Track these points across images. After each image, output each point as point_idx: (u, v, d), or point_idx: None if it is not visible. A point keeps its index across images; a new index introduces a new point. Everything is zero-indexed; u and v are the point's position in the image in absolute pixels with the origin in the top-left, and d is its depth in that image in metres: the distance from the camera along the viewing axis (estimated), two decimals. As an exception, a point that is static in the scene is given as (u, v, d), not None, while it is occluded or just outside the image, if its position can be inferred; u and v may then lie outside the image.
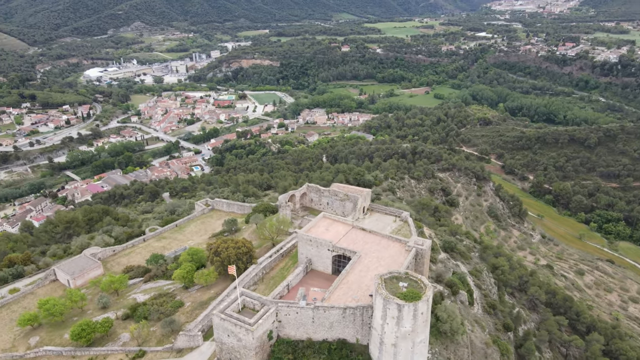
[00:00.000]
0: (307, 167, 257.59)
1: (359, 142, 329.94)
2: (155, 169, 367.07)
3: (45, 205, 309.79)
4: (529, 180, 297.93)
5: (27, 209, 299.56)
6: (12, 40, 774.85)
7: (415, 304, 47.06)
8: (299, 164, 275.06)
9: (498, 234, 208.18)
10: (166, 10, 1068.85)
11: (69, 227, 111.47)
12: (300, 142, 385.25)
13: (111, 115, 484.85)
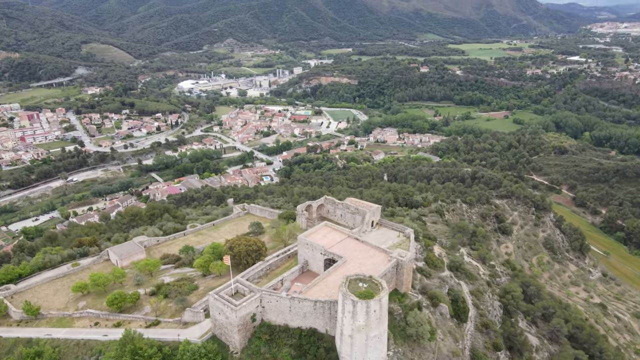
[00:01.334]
0: (364, 184, 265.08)
1: (421, 163, 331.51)
2: (229, 176, 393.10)
3: (130, 202, 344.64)
4: (600, 215, 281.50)
5: (115, 204, 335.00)
6: (122, 53, 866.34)
7: (368, 302, 54.46)
8: (359, 181, 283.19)
9: (551, 266, 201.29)
10: (257, 28, 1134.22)
11: (134, 219, 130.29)
12: (366, 159, 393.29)
13: (196, 124, 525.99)
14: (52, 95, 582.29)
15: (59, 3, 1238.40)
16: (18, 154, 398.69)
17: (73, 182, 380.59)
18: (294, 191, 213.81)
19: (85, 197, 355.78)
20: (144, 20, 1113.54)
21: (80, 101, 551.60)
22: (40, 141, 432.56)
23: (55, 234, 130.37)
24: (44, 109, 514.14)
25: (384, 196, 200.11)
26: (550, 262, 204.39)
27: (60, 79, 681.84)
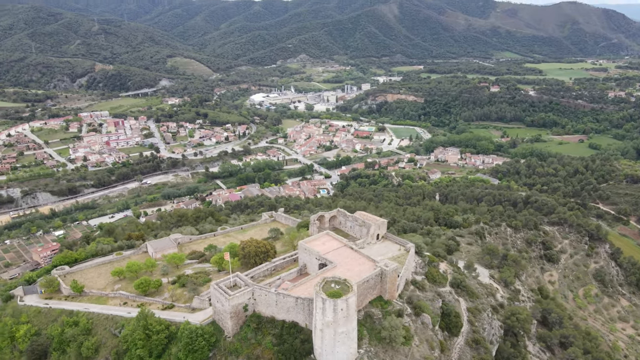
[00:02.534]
0: (413, 202, 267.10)
1: (474, 184, 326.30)
2: (288, 187, 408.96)
3: (194, 206, 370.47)
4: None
5: (180, 207, 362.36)
6: (202, 66, 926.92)
7: (335, 301, 61.45)
8: (408, 199, 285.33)
9: (599, 299, 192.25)
10: (329, 44, 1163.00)
11: (180, 220, 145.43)
12: (422, 178, 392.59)
13: (262, 136, 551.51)
14: (137, 105, 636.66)
15: (152, 20, 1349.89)
16: (102, 156, 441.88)
17: (147, 184, 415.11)
18: (338, 204, 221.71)
19: (155, 199, 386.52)
20: (225, 36, 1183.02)
21: (160, 110, 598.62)
22: (122, 146, 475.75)
23: (113, 227, 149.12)
24: (128, 117, 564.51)
25: (424, 214, 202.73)
26: (599, 295, 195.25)
27: (145, 90, 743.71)
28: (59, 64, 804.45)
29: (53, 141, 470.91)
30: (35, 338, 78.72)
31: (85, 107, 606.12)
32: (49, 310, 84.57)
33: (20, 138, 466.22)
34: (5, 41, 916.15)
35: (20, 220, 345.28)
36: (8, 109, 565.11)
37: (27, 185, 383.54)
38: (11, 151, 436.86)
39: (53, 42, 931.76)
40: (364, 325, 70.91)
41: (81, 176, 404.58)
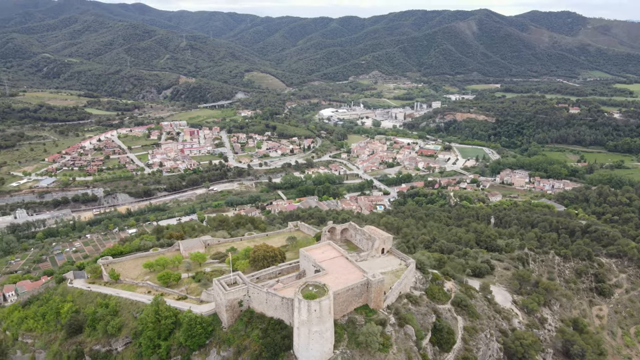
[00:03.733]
0: (464, 223, 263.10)
1: (534, 209, 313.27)
2: (345, 202, 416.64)
3: (254, 213, 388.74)
4: None
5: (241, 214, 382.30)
6: (276, 81, 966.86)
7: (309, 302, 67.85)
8: (460, 219, 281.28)
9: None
10: (403, 61, 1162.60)
11: (221, 224, 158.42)
12: (480, 200, 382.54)
13: (326, 150, 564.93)
14: (213, 115, 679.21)
15: (235, 36, 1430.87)
16: (176, 163, 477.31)
17: (213, 191, 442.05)
18: (381, 221, 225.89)
19: (219, 205, 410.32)
20: (301, 52, 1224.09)
21: (233, 122, 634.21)
22: (195, 154, 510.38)
23: (162, 227, 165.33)
24: (203, 127, 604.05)
25: (465, 236, 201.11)
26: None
27: (222, 102, 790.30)
28: (149, 76, 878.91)
29: (135, 147, 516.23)
30: (74, 315, 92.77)
31: (166, 117, 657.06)
32: (89, 293, 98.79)
33: (108, 143, 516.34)
34: (105, 55, 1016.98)
35: (101, 217, 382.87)
36: (101, 117, 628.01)
37: (109, 186, 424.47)
38: (99, 155, 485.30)
39: (145, 57, 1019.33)
40: (345, 329, 76.75)
41: (156, 180, 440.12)
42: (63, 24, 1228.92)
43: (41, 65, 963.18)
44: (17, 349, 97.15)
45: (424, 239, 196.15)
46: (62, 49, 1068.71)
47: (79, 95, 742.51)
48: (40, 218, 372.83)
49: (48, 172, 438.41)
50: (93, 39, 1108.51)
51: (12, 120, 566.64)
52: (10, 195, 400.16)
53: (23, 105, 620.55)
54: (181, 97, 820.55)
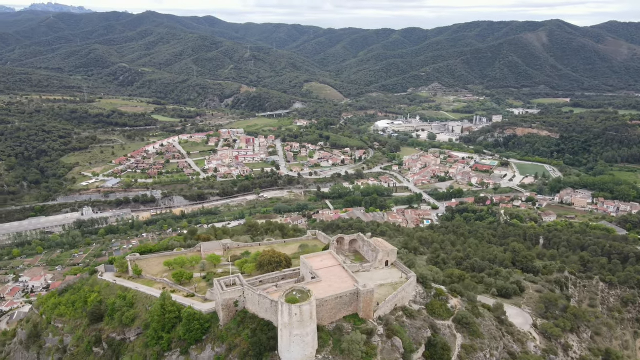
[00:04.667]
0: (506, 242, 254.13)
1: (588, 232, 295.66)
2: (391, 214, 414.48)
3: (300, 222, 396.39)
4: None
5: (287, 222, 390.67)
6: (334, 92, 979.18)
7: (290, 306, 71.14)
8: (505, 238, 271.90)
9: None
10: (465, 73, 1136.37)
11: (250, 230, 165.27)
12: (533, 219, 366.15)
13: (377, 162, 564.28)
14: (270, 124, 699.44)
15: (297, 47, 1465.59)
16: (230, 169, 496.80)
17: (263, 198, 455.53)
18: (415, 235, 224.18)
19: (268, 212, 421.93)
20: (361, 64, 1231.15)
21: (288, 131, 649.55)
22: (249, 161, 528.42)
23: (196, 229, 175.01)
24: (259, 135, 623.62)
25: (501, 255, 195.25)
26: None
27: (280, 111, 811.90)
28: (213, 85, 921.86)
29: (194, 152, 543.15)
30: (97, 304, 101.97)
31: (226, 125, 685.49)
32: (114, 285, 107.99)
33: (170, 148, 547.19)
34: (175, 65, 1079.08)
35: (157, 218, 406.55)
36: (166, 123, 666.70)
37: (167, 189, 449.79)
38: (161, 159, 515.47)
39: (211, 67, 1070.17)
40: (331, 335, 79.38)
41: (210, 185, 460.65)
42: (140, 36, 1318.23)
43: (118, 74, 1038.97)
44: (49, 332, 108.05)
45: (456, 256, 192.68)
46: (138, 59, 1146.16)
47: (148, 102, 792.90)
48: (103, 216, 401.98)
49: (114, 173, 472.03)
50: (165, 50, 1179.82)
51: (87, 125, 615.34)
52: (80, 194, 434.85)
53: (98, 111, 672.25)
54: (241, 105, 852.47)
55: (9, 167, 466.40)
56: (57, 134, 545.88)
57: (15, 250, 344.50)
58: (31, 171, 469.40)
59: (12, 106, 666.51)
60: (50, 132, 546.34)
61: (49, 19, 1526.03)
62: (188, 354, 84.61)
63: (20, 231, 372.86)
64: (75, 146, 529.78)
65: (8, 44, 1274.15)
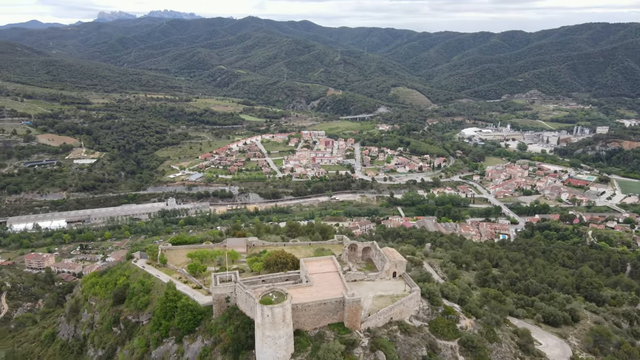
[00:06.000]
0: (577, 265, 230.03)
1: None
2: (464, 226, 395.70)
3: (367, 227, 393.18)
4: None
5: (355, 226, 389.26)
6: (421, 97, 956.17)
7: (262, 307, 71.15)
8: (582, 261, 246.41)
9: None
10: (569, 80, 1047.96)
11: (290, 230, 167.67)
12: (625, 243, 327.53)
13: (457, 171, 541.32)
14: (351, 128, 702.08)
15: (389, 51, 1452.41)
16: (306, 170, 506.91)
17: (335, 200, 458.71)
18: (470, 249, 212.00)
19: (338, 214, 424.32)
20: (454, 68, 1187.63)
21: (368, 134, 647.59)
22: (325, 163, 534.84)
23: (239, 225, 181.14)
24: (339, 138, 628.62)
25: (562, 279, 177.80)
26: None
27: (364, 115, 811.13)
28: (300, 88, 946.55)
29: (274, 152, 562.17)
30: (122, 287, 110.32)
31: (308, 126, 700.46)
32: (141, 271, 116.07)
33: (252, 147, 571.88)
34: (268, 68, 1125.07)
35: (232, 212, 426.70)
36: (252, 123, 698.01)
37: (244, 185, 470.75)
38: (242, 157, 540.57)
39: (302, 70, 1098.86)
40: (311, 341, 78.36)
41: (284, 184, 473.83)
42: (239, 40, 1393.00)
43: (216, 76, 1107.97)
44: (85, 308, 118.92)
45: (512, 275, 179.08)
46: (235, 61, 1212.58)
47: (238, 102, 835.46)
48: (184, 207, 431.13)
49: (198, 168, 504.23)
50: (260, 53, 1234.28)
51: (182, 122, 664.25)
52: (167, 185, 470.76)
53: (193, 109, 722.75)
54: (327, 108, 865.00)
55: (111, 158, 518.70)
56: (155, 130, 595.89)
57: (107, 232, 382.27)
58: (129, 162, 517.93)
59: (121, 103, 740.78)
60: (149, 128, 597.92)
61: (162, 24, 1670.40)
62: (182, 343, 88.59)
63: (114, 216, 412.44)
64: (169, 141, 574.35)
65: (126, 47, 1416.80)
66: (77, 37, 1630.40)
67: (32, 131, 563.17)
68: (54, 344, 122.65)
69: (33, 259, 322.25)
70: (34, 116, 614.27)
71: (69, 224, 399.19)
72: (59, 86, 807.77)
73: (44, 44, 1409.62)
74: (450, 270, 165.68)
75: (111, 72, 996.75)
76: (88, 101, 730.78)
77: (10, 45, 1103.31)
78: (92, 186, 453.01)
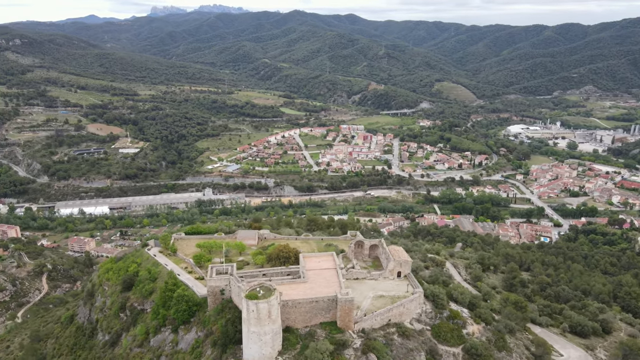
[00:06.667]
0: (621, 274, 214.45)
1: None
2: (503, 227, 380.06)
3: (402, 223, 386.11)
4: None
5: (388, 222, 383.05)
6: (466, 92, 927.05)
7: (247, 301, 69.22)
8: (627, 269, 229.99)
9: None
10: (630, 75, 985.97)
11: (309, 224, 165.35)
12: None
13: (499, 169, 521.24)
14: (391, 123, 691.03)
15: (435, 45, 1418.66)
16: (342, 164, 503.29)
17: (370, 195, 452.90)
18: (500, 251, 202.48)
19: (372, 210, 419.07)
20: (503, 63, 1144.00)
21: (409, 130, 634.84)
22: (362, 158, 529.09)
23: (260, 218, 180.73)
24: (378, 133, 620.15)
25: (597, 287, 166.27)
26: None
27: (405, 110, 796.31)
28: (342, 82, 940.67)
29: (311, 145, 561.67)
30: (131, 274, 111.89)
31: (348, 120, 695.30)
32: (151, 259, 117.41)
33: (290, 140, 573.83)
34: (311, 61, 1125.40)
35: (266, 204, 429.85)
36: (291, 116, 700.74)
37: (280, 178, 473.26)
38: (280, 149, 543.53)
39: (345, 64, 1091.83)
40: (300, 339, 75.93)
41: (320, 178, 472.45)
42: (284, 34, 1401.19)
43: (260, 69, 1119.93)
44: (99, 293, 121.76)
45: (542, 280, 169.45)
46: (279, 55, 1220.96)
47: (279, 96, 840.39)
48: (220, 198, 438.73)
49: (236, 160, 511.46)
50: (304, 47, 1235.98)
51: (223, 114, 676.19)
52: (205, 176, 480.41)
53: (234, 102, 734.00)
54: (367, 102, 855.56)
55: (154, 148, 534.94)
56: (196, 121, 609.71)
57: (145, 220, 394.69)
58: (170, 152, 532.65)
59: (167, 95, 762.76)
60: (191, 119, 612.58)
61: (210, 18, 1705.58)
62: (177, 333, 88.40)
63: (153, 204, 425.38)
64: (209, 133, 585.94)
65: (175, 41, 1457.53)
66: (131, 31, 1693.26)
67: (82, 121, 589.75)
68: (72, 326, 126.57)
69: (75, 243, 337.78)
70: (85, 106, 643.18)
71: (111, 211, 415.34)
72: (110, 78, 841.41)
73: (100, 38, 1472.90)
74: (475, 272, 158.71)
75: (159, 64, 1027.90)
76: (136, 93, 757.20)
77: (68, 38, 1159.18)
78: (134, 175, 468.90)
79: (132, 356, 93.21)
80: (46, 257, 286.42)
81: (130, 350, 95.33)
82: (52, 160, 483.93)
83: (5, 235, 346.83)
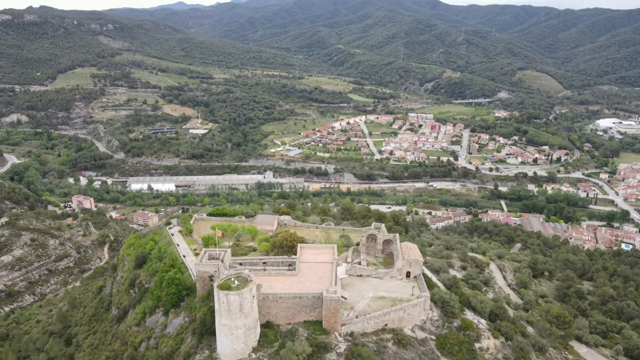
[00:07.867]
0: None
1: None
2: (577, 229, 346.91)
3: (462, 218, 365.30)
4: None
5: (448, 216, 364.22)
6: (551, 82, 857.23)
7: (218, 291, 63.79)
8: None
9: None
10: None
11: (343, 212, 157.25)
12: None
13: (581, 166, 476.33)
14: (463, 112, 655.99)
15: (522, 31, 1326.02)
16: (406, 153, 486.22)
17: (432, 187, 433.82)
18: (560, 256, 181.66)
19: (432, 202, 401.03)
20: (598, 50, 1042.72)
21: (482, 121, 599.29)
22: (427, 148, 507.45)
23: (294, 204, 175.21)
24: (448, 123, 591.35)
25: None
26: None
27: (481, 99, 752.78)
28: (415, 69, 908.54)
29: (375, 133, 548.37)
30: (144, 252, 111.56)
31: (417, 109, 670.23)
32: (168, 237, 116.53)
33: (354, 126, 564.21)
34: (385, 48, 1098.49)
35: (324, 190, 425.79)
36: (359, 103, 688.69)
37: (340, 165, 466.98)
38: (343, 136, 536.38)
39: (420, 50, 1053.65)
40: (280, 337, 69.63)
41: (381, 167, 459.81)
42: (359, 19, 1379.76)
43: (333, 55, 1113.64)
44: (120, 268, 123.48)
45: (605, 292, 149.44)
46: (353, 40, 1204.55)
47: (349, 82, 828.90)
48: (280, 181, 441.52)
49: (299, 144, 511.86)
50: (379, 33, 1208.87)
51: (291, 99, 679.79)
52: (267, 159, 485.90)
53: (303, 87, 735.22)
54: (440, 91, 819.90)
55: (222, 129, 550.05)
56: (264, 105, 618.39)
57: (206, 199, 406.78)
58: (237, 134, 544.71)
59: (239, 79, 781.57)
60: (259, 103, 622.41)
61: (287, 4, 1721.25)
62: (167, 316, 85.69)
63: (215, 184, 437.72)
64: (276, 117, 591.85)
65: (254, 26, 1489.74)
66: (213, 17, 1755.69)
67: (159, 101, 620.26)
68: (98, 297, 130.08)
69: (140, 217, 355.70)
70: (163, 88, 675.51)
71: (177, 188, 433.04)
72: (189, 62, 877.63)
73: (185, 23, 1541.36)
74: (522, 277, 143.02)
75: (236, 49, 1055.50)
76: (211, 76, 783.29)
77: (155, 24, 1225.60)
78: (200, 154, 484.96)
79: (128, 334, 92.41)
80: (110, 228, 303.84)
81: (129, 328, 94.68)
82: (128, 138, 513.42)
83: (81, 205, 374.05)
